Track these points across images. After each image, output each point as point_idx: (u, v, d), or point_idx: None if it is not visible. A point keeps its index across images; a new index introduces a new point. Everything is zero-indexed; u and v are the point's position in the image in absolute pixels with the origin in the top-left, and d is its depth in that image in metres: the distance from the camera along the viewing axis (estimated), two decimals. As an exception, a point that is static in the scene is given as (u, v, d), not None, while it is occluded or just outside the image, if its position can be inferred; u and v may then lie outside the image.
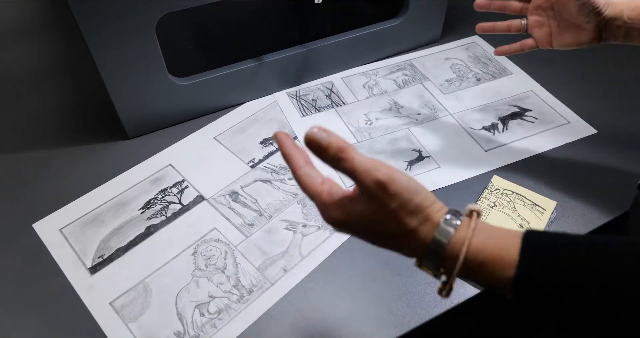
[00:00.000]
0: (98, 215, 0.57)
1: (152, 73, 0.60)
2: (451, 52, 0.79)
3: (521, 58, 0.77)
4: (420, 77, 0.75)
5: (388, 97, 0.72)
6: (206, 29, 0.82)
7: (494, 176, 0.60)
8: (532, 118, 0.68)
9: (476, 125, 0.68)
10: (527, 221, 0.55)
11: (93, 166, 0.63)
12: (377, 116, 0.69)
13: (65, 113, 0.70)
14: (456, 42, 0.81)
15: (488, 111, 0.69)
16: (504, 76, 0.75)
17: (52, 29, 0.84)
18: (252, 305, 0.50)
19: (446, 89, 0.73)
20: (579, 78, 0.74)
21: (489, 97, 0.72)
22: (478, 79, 0.74)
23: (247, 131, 0.67)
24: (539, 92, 0.72)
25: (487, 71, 0.76)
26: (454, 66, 0.77)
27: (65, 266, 0.52)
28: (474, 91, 0.72)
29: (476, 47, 0.80)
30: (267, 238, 0.55)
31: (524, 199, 0.57)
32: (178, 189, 0.60)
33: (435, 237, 0.32)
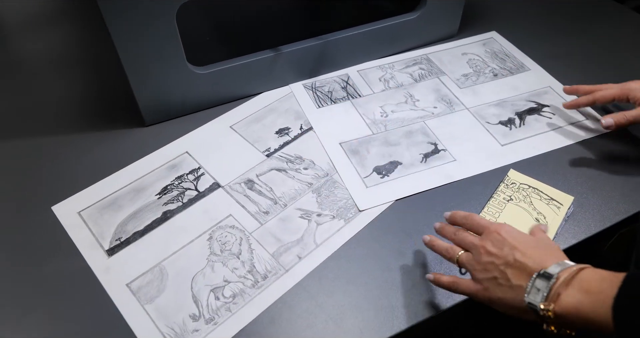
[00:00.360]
0: (116, 199, 0.58)
1: (171, 61, 0.61)
2: (468, 48, 0.79)
3: (539, 54, 0.77)
4: (436, 72, 0.75)
5: (404, 90, 0.72)
6: (223, 20, 0.83)
7: (510, 170, 0.60)
8: (549, 114, 0.68)
9: (493, 120, 0.67)
10: (544, 215, 0.55)
11: (111, 152, 0.63)
12: (393, 108, 0.69)
13: (85, 100, 0.71)
14: (473, 38, 0.81)
15: (505, 106, 0.69)
16: (522, 72, 0.75)
17: (74, 18, 0.85)
18: (267, 290, 0.50)
19: (463, 84, 0.73)
20: (597, 75, 0.73)
21: (506, 92, 0.71)
22: (495, 75, 0.74)
23: (263, 121, 0.68)
24: (556, 88, 0.72)
25: (505, 67, 0.76)
26: (470, 61, 0.77)
27: (83, 247, 0.53)
28: (490, 86, 0.72)
29: (494, 43, 0.80)
30: (281, 226, 0.56)
31: (540, 194, 0.57)
32: (194, 176, 0.61)
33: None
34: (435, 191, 0.59)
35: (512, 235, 0.43)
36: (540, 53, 0.77)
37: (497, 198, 0.57)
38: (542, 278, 0.38)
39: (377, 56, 0.76)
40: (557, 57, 0.76)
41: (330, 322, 0.48)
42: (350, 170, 0.61)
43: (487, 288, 0.42)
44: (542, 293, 0.38)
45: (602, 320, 0.35)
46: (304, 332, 0.47)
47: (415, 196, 0.59)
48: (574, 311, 0.36)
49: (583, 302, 0.36)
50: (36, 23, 0.84)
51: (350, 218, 0.57)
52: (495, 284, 0.41)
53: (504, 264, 0.41)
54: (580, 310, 0.36)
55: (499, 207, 0.56)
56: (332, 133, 0.66)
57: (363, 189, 0.59)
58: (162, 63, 0.60)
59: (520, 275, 0.40)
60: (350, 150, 0.63)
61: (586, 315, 0.36)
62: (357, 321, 0.48)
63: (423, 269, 0.52)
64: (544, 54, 0.77)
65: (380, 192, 0.59)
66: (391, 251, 0.53)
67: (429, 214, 0.56)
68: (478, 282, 0.43)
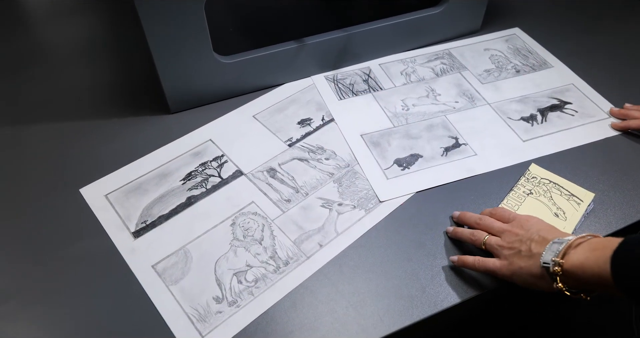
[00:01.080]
0: (141, 184, 0.59)
1: (198, 50, 0.62)
2: (490, 43, 0.79)
3: (562, 51, 0.77)
4: (458, 67, 0.75)
5: (425, 84, 0.72)
6: (246, 11, 0.83)
7: (532, 164, 0.60)
8: (572, 111, 0.68)
9: (514, 116, 0.67)
10: (563, 210, 0.55)
11: (136, 137, 0.65)
12: (414, 102, 0.70)
13: (112, 87, 0.72)
14: (496, 34, 0.81)
15: (527, 103, 0.69)
16: (544, 68, 0.74)
17: (98, 6, 0.86)
18: (288, 276, 0.51)
19: (485, 79, 0.73)
20: (622, 72, 0.73)
21: (528, 89, 0.71)
22: (517, 71, 0.74)
23: (285, 112, 0.69)
24: (579, 85, 0.72)
25: (527, 63, 0.75)
26: (493, 56, 0.77)
27: (110, 229, 0.55)
28: (513, 82, 0.72)
29: (516, 39, 0.80)
30: (303, 214, 0.57)
31: (561, 189, 0.57)
32: (218, 163, 0.62)
33: None
34: (455, 184, 0.60)
35: (541, 222, 0.48)
36: (563, 50, 0.77)
37: (517, 192, 0.57)
38: (557, 243, 0.43)
39: (399, 49, 0.77)
40: (580, 55, 0.76)
41: (351, 308, 0.49)
42: (371, 162, 0.62)
43: (511, 262, 0.46)
44: (554, 253, 0.42)
45: (602, 274, 0.39)
46: (324, 317, 0.48)
47: (434, 189, 0.59)
48: (580, 266, 0.41)
49: (589, 258, 0.40)
50: (62, 12, 0.85)
51: (371, 208, 0.57)
52: (518, 257, 0.45)
53: (528, 239, 0.46)
54: (585, 265, 0.40)
55: (518, 200, 0.56)
56: (353, 125, 0.66)
57: (384, 181, 0.60)
58: (190, 52, 0.61)
59: (541, 245, 0.44)
60: (371, 142, 0.64)
61: (590, 269, 0.40)
62: (377, 309, 0.49)
63: (443, 261, 0.52)
64: (566, 51, 0.77)
65: (401, 184, 0.59)
66: (411, 242, 0.54)
67: (449, 206, 0.57)
68: (504, 258, 0.46)
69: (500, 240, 0.48)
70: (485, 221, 0.51)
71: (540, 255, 0.43)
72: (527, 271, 0.44)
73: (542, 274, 0.43)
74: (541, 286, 0.44)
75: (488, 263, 0.47)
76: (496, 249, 0.48)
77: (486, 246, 0.49)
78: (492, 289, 0.50)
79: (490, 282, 0.50)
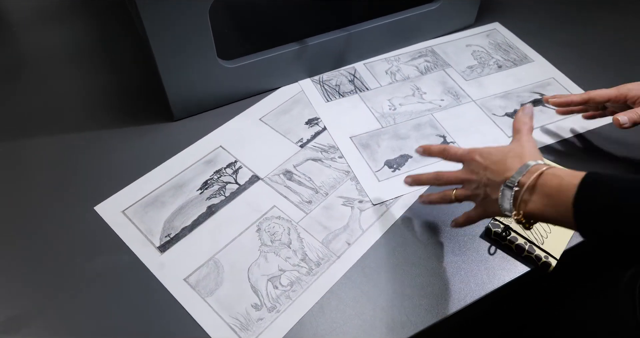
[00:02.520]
0: (157, 197, 0.58)
1: (202, 56, 0.61)
2: (472, 39, 0.80)
3: (542, 45, 0.78)
4: (442, 64, 0.76)
5: (411, 83, 0.73)
6: (237, 12, 0.82)
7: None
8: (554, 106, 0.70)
9: (499, 112, 0.69)
10: None
11: (142, 148, 0.63)
12: (401, 101, 0.70)
13: (109, 96, 0.70)
14: (477, 29, 0.82)
15: (510, 98, 0.71)
16: (525, 63, 0.76)
17: (81, 12, 0.83)
18: (322, 276, 0.52)
19: (468, 76, 0.74)
20: (601, 65, 0.75)
21: (511, 84, 0.73)
22: (499, 66, 0.75)
23: (291, 112, 0.69)
24: (560, 79, 0.73)
25: (509, 58, 0.77)
26: (475, 52, 0.78)
27: (134, 245, 0.53)
28: (495, 78, 0.74)
29: (497, 34, 0.81)
30: (326, 214, 0.57)
31: None
32: (232, 169, 0.61)
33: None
34: None
35: (484, 156, 0.48)
36: (542, 44, 0.78)
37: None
38: (507, 189, 0.44)
39: (396, 47, 0.77)
40: (559, 48, 0.78)
41: (378, 309, 0.49)
42: (362, 164, 0.62)
43: (485, 209, 0.48)
44: (509, 201, 0.44)
45: (564, 219, 0.40)
46: (353, 320, 0.49)
47: None
48: (540, 213, 0.42)
49: (547, 205, 0.41)
50: (45, 17, 0.81)
51: (391, 203, 0.58)
52: (485, 202, 0.47)
53: (483, 185, 0.47)
54: (545, 212, 0.42)
55: None
56: (342, 127, 0.66)
57: (375, 183, 0.60)
58: (194, 58, 0.60)
59: (494, 189, 0.46)
60: (360, 144, 0.64)
61: (551, 216, 0.41)
62: (404, 308, 0.49)
63: (461, 257, 0.53)
64: (546, 45, 0.78)
65: (392, 186, 0.60)
66: (428, 239, 0.55)
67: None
68: (479, 206, 0.49)
69: (465, 190, 0.49)
70: (442, 177, 0.51)
71: (498, 202, 0.45)
72: (498, 212, 0.46)
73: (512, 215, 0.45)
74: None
75: (471, 215, 0.50)
76: (469, 198, 0.49)
77: (459, 200, 0.50)
78: (515, 279, 0.52)
79: (510, 273, 0.52)
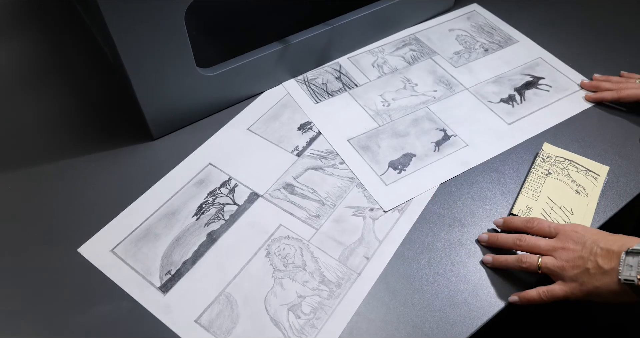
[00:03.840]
0: (149, 229, 0.52)
1: (180, 66, 0.54)
2: (453, 23, 0.77)
3: (523, 25, 0.76)
4: (428, 52, 0.72)
5: (400, 75, 0.69)
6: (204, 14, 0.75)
7: (545, 143, 0.60)
8: (546, 86, 0.68)
9: (494, 98, 0.66)
10: (583, 187, 0.56)
11: (123, 174, 0.56)
12: (393, 96, 0.66)
13: (74, 116, 0.62)
14: (456, 12, 0.78)
15: (502, 83, 0.68)
16: (510, 44, 0.74)
17: (27, 27, 0.73)
18: (345, 298, 0.48)
19: (457, 63, 0.71)
20: (586, 42, 0.73)
21: (500, 67, 0.70)
22: (486, 50, 0.73)
23: (280, 118, 0.63)
24: (547, 58, 0.71)
25: (493, 40, 0.74)
26: (459, 37, 0.75)
27: (131, 288, 0.47)
28: (484, 63, 0.71)
29: (477, 16, 0.78)
30: (337, 228, 0.53)
31: (577, 166, 0.58)
32: (227, 188, 0.56)
33: None
34: (471, 170, 0.58)
35: (587, 229, 0.46)
36: (524, 23, 0.76)
37: (535, 173, 0.57)
38: (631, 255, 0.41)
39: (380, 37, 0.73)
40: (542, 27, 0.75)
41: (410, 326, 0.46)
42: (366, 169, 0.58)
43: (582, 283, 0.43)
44: (635, 268, 0.40)
45: None
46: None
47: (451, 179, 0.58)
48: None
49: None
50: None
51: (403, 207, 0.55)
52: (588, 276, 0.43)
53: (592, 255, 0.43)
54: None
55: (539, 182, 0.56)
56: (337, 130, 0.62)
57: (383, 188, 0.56)
58: (171, 69, 0.54)
59: (610, 259, 0.42)
60: (360, 146, 0.60)
61: None
62: (437, 321, 0.46)
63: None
64: (528, 24, 0.76)
65: (401, 189, 0.56)
66: (447, 243, 0.52)
67: (474, 197, 0.56)
68: (570, 281, 0.44)
69: (556, 260, 0.44)
70: (528, 241, 0.47)
71: (616, 271, 0.41)
72: (606, 289, 0.41)
73: (625, 290, 0.41)
74: (624, 300, 0.42)
75: (556, 291, 0.44)
76: (556, 272, 0.44)
77: (543, 270, 0.45)
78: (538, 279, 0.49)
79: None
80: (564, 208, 0.54)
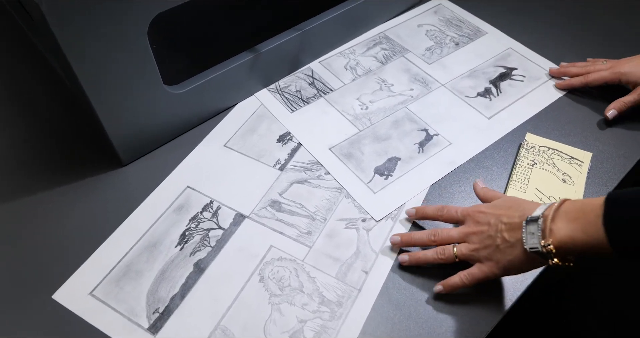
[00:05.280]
0: (129, 265, 0.48)
1: (146, 86, 0.50)
2: (421, 18, 0.76)
3: (491, 16, 0.75)
4: (399, 50, 0.71)
5: (374, 76, 0.67)
6: (165, 26, 0.71)
7: (528, 134, 0.59)
8: (520, 77, 0.67)
9: (471, 93, 0.65)
10: (569, 175, 0.56)
11: (94, 206, 0.52)
12: (370, 98, 0.64)
13: (33, 146, 0.57)
14: (422, 7, 0.77)
15: (477, 76, 0.67)
16: (480, 36, 0.73)
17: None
18: (348, 318, 0.46)
19: (429, 59, 0.70)
20: (553, 29, 0.73)
21: (473, 60, 0.69)
22: (456, 43, 0.72)
23: (258, 131, 0.60)
24: (517, 48, 0.71)
25: (463, 33, 0.74)
26: (428, 32, 0.74)
27: (117, 333, 0.43)
28: (456, 57, 0.70)
29: (444, 10, 0.77)
30: (331, 243, 0.51)
31: (561, 154, 0.58)
32: (210, 212, 0.52)
33: None
34: (458, 169, 0.57)
35: (490, 207, 0.46)
36: (491, 14, 0.75)
37: (521, 164, 0.57)
38: (531, 224, 0.41)
39: (351, 38, 0.71)
40: (509, 16, 0.75)
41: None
42: (351, 178, 0.56)
43: (497, 261, 0.43)
44: (536, 235, 0.40)
45: (596, 241, 0.37)
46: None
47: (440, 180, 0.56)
48: (570, 239, 0.39)
49: (575, 229, 0.39)
50: None
51: (396, 215, 0.53)
52: (500, 253, 0.43)
53: (498, 231, 0.43)
54: (575, 237, 0.39)
55: (525, 173, 0.56)
56: (317, 139, 0.59)
57: (371, 197, 0.54)
58: (137, 89, 0.50)
59: (514, 231, 0.42)
60: (343, 154, 0.58)
61: (581, 239, 0.38)
62: (446, 331, 0.45)
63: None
64: (494, 15, 0.75)
65: (390, 196, 0.54)
66: None
67: (465, 197, 0.55)
68: (486, 260, 0.44)
69: (469, 244, 0.45)
70: (441, 234, 0.47)
71: (521, 241, 0.41)
72: (518, 261, 0.42)
73: (533, 257, 0.41)
74: (536, 266, 0.42)
75: (475, 273, 0.44)
76: (472, 255, 0.45)
77: (460, 258, 0.46)
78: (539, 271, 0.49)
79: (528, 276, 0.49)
80: (552, 198, 0.54)
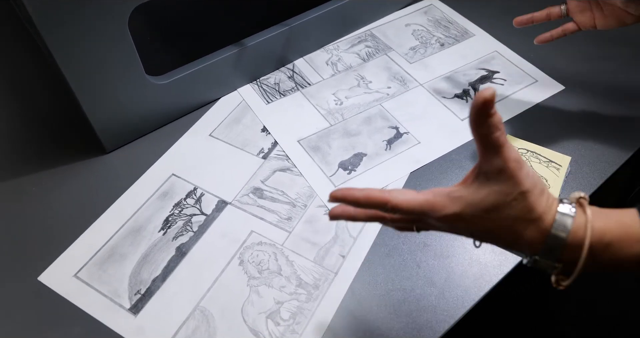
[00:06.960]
0: (114, 248, 0.49)
1: (128, 75, 0.52)
2: (410, 18, 0.76)
3: (482, 18, 0.75)
4: (383, 48, 0.71)
5: (354, 72, 0.67)
6: (152, 17, 0.72)
7: (507, 135, 0.59)
8: (501, 80, 0.66)
9: (448, 94, 0.65)
10: (545, 178, 0.55)
11: (79, 192, 0.54)
12: (346, 94, 0.65)
13: (17, 132, 0.58)
14: (413, 7, 0.77)
15: (457, 78, 0.67)
16: (467, 38, 0.72)
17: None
18: (324, 300, 0.47)
19: (412, 58, 0.70)
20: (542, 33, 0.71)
21: (456, 62, 0.69)
22: (442, 44, 0.72)
23: (243, 121, 0.62)
24: (503, 52, 0.70)
25: (450, 35, 0.73)
26: (415, 32, 0.73)
27: (99, 313, 0.45)
28: (440, 57, 0.69)
29: (435, 10, 0.77)
30: (310, 229, 0.52)
31: (539, 157, 0.57)
32: (194, 198, 0.54)
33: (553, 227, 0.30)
34: (431, 165, 0.57)
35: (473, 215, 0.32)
36: (480, 17, 0.75)
37: None
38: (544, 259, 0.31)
39: (340, 36, 0.71)
40: (498, 20, 0.74)
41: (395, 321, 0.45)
42: (315, 170, 0.57)
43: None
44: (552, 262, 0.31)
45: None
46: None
47: (415, 173, 0.56)
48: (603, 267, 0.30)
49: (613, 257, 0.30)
50: None
51: (375, 202, 0.54)
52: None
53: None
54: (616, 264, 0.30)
55: None
56: (287, 131, 0.60)
57: (331, 189, 0.55)
58: (119, 79, 0.51)
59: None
60: (310, 147, 0.59)
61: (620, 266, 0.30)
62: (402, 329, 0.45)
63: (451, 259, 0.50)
64: (484, 18, 0.74)
65: None
66: (413, 244, 0.51)
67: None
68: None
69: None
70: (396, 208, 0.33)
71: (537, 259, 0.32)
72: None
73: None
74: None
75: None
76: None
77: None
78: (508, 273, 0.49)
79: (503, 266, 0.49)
80: None
